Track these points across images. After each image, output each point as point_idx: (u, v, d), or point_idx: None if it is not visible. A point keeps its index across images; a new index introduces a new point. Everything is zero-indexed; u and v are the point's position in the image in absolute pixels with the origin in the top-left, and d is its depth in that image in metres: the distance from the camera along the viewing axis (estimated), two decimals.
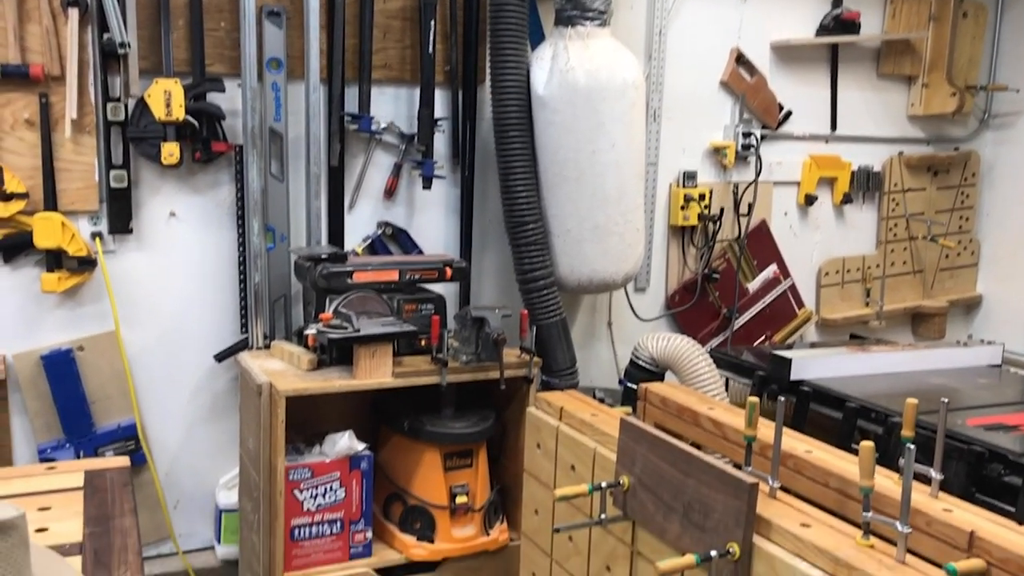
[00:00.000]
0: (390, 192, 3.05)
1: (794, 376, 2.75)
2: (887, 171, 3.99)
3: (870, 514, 1.56)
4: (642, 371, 2.99)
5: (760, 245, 3.73)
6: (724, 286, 3.63)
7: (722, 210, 3.57)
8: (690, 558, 1.64)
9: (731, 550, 1.66)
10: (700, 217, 3.53)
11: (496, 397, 2.78)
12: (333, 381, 2.46)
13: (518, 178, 2.90)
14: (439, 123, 3.01)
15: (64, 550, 1.44)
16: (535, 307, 2.96)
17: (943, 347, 3.04)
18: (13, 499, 1.65)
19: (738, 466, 2.18)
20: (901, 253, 4.10)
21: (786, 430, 1.93)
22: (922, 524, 1.62)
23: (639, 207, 3.04)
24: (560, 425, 2.34)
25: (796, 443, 2.06)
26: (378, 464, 2.66)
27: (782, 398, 1.77)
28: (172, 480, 2.86)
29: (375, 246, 3.04)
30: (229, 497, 2.85)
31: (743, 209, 3.61)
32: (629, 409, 2.61)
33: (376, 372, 2.49)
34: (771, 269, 3.76)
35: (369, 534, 2.60)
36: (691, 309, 3.60)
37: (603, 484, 1.97)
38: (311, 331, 2.51)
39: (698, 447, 2.51)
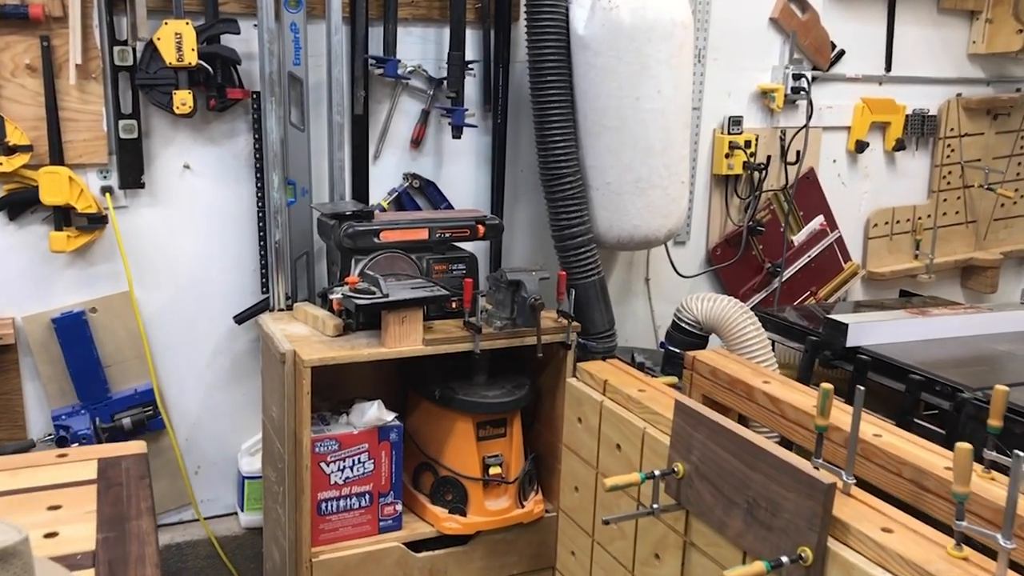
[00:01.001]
0: (417, 142, 2.86)
1: (850, 342, 2.57)
2: (943, 115, 3.74)
3: (965, 523, 1.41)
4: (686, 334, 2.82)
5: (807, 195, 3.52)
6: (769, 239, 3.44)
7: (768, 158, 3.35)
8: (760, 566, 1.50)
9: (803, 555, 1.51)
10: (745, 166, 3.31)
11: (531, 362, 2.63)
12: (361, 350, 2.30)
13: (555, 127, 2.70)
14: (470, 66, 2.79)
15: (75, 562, 1.31)
16: (572, 266, 2.79)
17: (1008, 310, 2.85)
18: (21, 495, 1.53)
19: (796, 447, 2.03)
20: (954, 203, 3.87)
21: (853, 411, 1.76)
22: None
23: (684, 158, 2.83)
24: (604, 400, 2.18)
25: (864, 425, 1.89)
26: (407, 433, 2.53)
27: (861, 387, 1.60)
28: (192, 446, 2.74)
29: (402, 200, 2.86)
30: (252, 464, 2.73)
31: (791, 157, 3.39)
32: (675, 379, 2.45)
33: (406, 339, 2.33)
34: (818, 220, 3.56)
35: (399, 507, 2.48)
36: (734, 264, 3.41)
37: (656, 472, 1.82)
38: (336, 295, 2.34)
39: (744, 422, 2.37)
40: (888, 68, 3.60)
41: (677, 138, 2.77)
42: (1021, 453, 1.33)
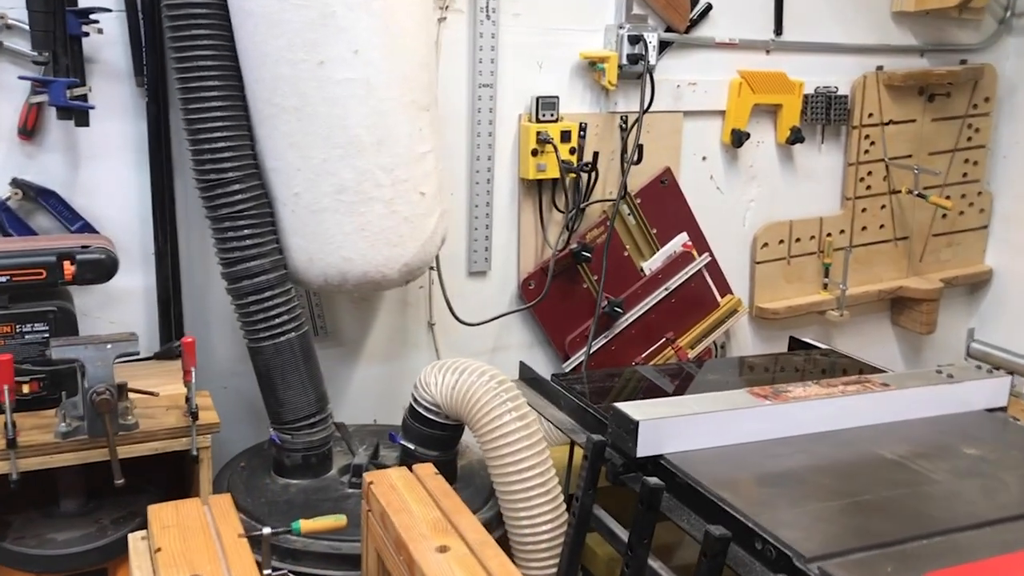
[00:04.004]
0: (29, 132, 1.90)
1: (643, 450, 1.62)
2: (858, 95, 2.77)
3: None
4: (424, 423, 1.88)
5: (662, 205, 2.56)
6: (613, 266, 2.47)
7: (596, 155, 2.39)
8: None
9: None
10: (565, 166, 2.35)
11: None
12: None
13: (207, 107, 1.76)
14: (92, 13, 1.84)
15: None
16: (250, 320, 1.85)
17: (914, 382, 1.91)
18: None
19: None
20: (877, 213, 2.90)
21: None
22: None
23: (425, 156, 1.87)
24: None
25: None
26: None
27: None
28: None
29: (2, 219, 1.90)
30: None
31: (632, 153, 2.43)
32: (342, 520, 1.49)
33: None
34: (679, 240, 2.59)
35: None
36: (554, 301, 2.46)
37: None
38: None
39: None
40: (779, 31, 2.64)
41: (404, 125, 1.82)
42: None
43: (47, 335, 1.67)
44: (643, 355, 2.57)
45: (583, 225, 2.46)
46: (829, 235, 2.84)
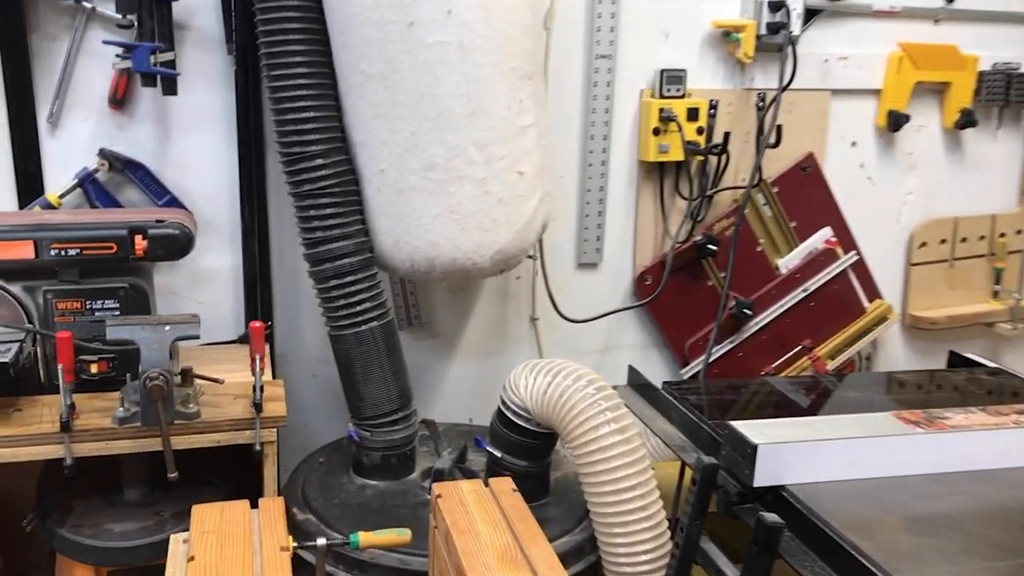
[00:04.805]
0: (119, 101, 1.83)
1: (761, 479, 1.36)
2: None
3: None
4: (513, 429, 1.68)
5: (802, 195, 2.26)
6: (741, 262, 2.20)
7: (727, 136, 2.12)
8: None
9: None
10: (690, 148, 2.10)
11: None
12: None
13: (292, 72, 1.63)
14: None
15: None
16: (331, 304, 1.71)
17: None
18: None
19: None
20: None
21: None
22: None
23: (526, 131, 1.67)
24: None
25: None
26: None
27: None
28: None
29: (88, 191, 1.84)
30: None
31: (769, 135, 2.14)
32: (405, 534, 1.32)
33: None
34: (822, 235, 2.29)
35: None
36: (673, 299, 2.21)
37: None
38: None
39: None
40: None
41: (502, 97, 1.62)
42: None
43: (118, 313, 1.58)
44: (774, 365, 2.28)
45: (710, 215, 2.20)
46: (1003, 235, 2.45)
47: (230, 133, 1.90)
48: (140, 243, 1.57)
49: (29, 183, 1.82)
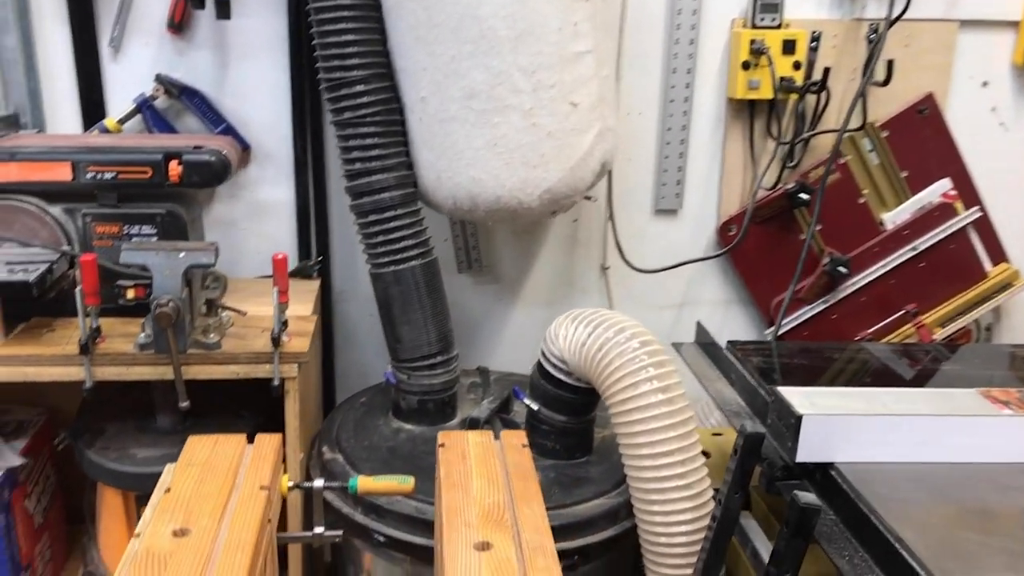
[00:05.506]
0: (178, 26, 1.80)
1: (803, 455, 1.20)
2: None
3: None
4: (551, 382, 1.57)
5: (917, 141, 2.00)
6: (830, 213, 1.98)
7: (826, 72, 1.89)
8: None
9: None
10: (784, 84, 1.88)
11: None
12: None
13: None
14: None
15: None
16: (371, 240, 1.63)
17: None
18: None
19: None
20: None
21: None
22: None
23: (581, 58, 1.52)
24: None
25: None
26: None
27: None
28: None
29: (146, 116, 1.83)
30: None
31: (879, 73, 1.89)
32: (408, 482, 1.25)
33: None
34: (938, 188, 2.02)
35: None
36: (761, 252, 2.02)
37: None
38: None
39: None
40: None
41: (553, 19, 1.48)
42: None
43: (156, 239, 1.56)
44: (872, 330, 2.05)
45: (806, 160, 1.98)
46: None
47: (288, 61, 1.85)
48: (175, 168, 1.53)
49: (92, 109, 1.83)
